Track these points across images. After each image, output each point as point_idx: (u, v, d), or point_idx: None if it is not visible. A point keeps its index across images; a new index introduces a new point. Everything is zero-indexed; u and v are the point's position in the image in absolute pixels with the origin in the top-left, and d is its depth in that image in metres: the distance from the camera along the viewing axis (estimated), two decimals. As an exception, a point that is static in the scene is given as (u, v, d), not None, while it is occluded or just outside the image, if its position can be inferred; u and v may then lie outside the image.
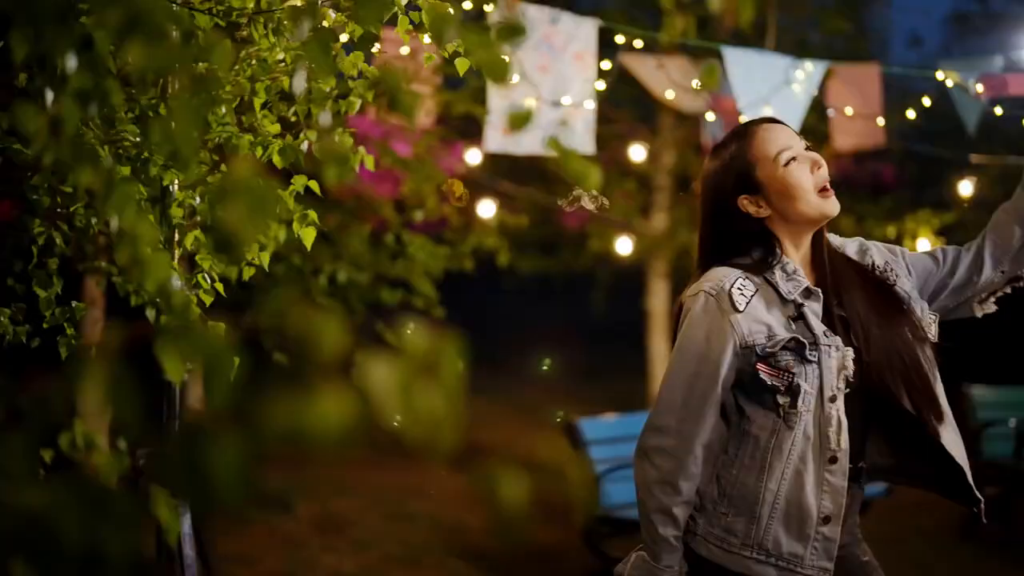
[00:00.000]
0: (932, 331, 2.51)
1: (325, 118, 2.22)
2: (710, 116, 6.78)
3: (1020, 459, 6.76)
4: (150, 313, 3.28)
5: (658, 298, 10.51)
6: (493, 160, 8.31)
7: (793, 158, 2.44)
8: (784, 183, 2.43)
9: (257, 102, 2.98)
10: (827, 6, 10.30)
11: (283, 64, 3.03)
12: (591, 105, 5.37)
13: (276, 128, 2.99)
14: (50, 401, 1.08)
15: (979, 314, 2.64)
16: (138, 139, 2.84)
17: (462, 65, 2.96)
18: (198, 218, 3.05)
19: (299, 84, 2.38)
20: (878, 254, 2.60)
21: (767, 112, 5.10)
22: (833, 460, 2.36)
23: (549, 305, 16.82)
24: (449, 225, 7.14)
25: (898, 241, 9.01)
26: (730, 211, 2.49)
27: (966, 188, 7.54)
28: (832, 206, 2.44)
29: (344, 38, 3.06)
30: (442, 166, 7.18)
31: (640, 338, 10.48)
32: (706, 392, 2.37)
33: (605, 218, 10.00)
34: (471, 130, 8.78)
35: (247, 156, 1.05)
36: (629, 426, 6.55)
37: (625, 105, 9.30)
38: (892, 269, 2.56)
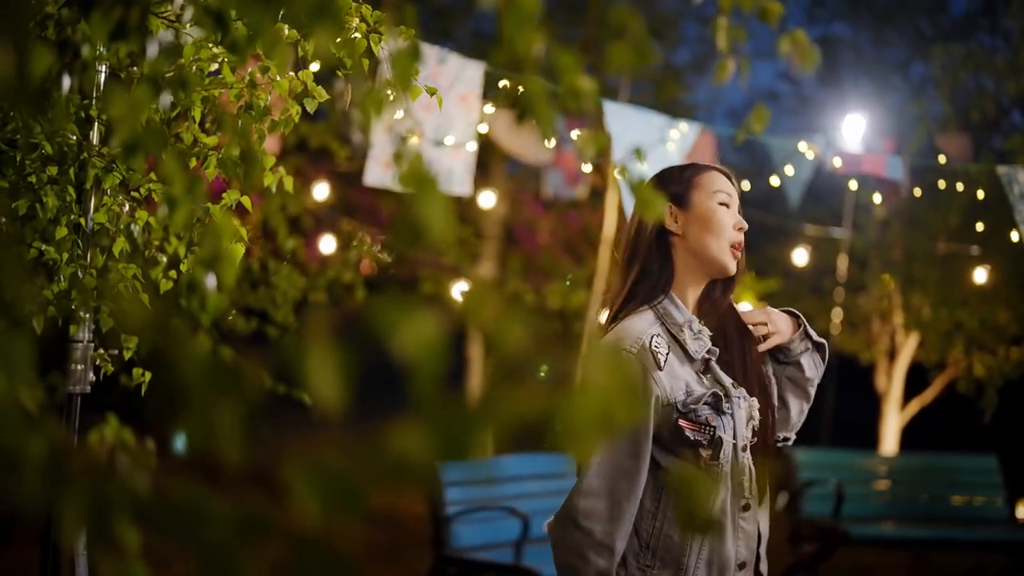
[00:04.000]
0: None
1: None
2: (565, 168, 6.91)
3: (837, 518, 7.08)
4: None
5: (478, 345, 10.60)
6: (337, 197, 8.26)
7: (727, 204, 2.51)
8: (709, 214, 2.48)
9: (197, 112, 2.91)
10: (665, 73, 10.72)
11: (219, 75, 2.96)
12: (472, 147, 5.40)
13: (213, 140, 2.92)
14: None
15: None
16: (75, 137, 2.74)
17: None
18: (121, 225, 2.95)
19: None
20: None
21: (644, 167, 5.23)
22: (746, 508, 2.43)
23: (372, 342, 16.62)
24: (296, 257, 7.03)
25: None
26: (652, 230, 2.52)
27: (799, 256, 7.87)
28: (732, 264, 2.50)
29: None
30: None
31: (460, 384, 10.53)
32: (637, 449, 2.35)
33: (438, 263, 10.05)
34: (322, 163, 8.71)
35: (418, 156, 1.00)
36: (481, 470, 6.59)
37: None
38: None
